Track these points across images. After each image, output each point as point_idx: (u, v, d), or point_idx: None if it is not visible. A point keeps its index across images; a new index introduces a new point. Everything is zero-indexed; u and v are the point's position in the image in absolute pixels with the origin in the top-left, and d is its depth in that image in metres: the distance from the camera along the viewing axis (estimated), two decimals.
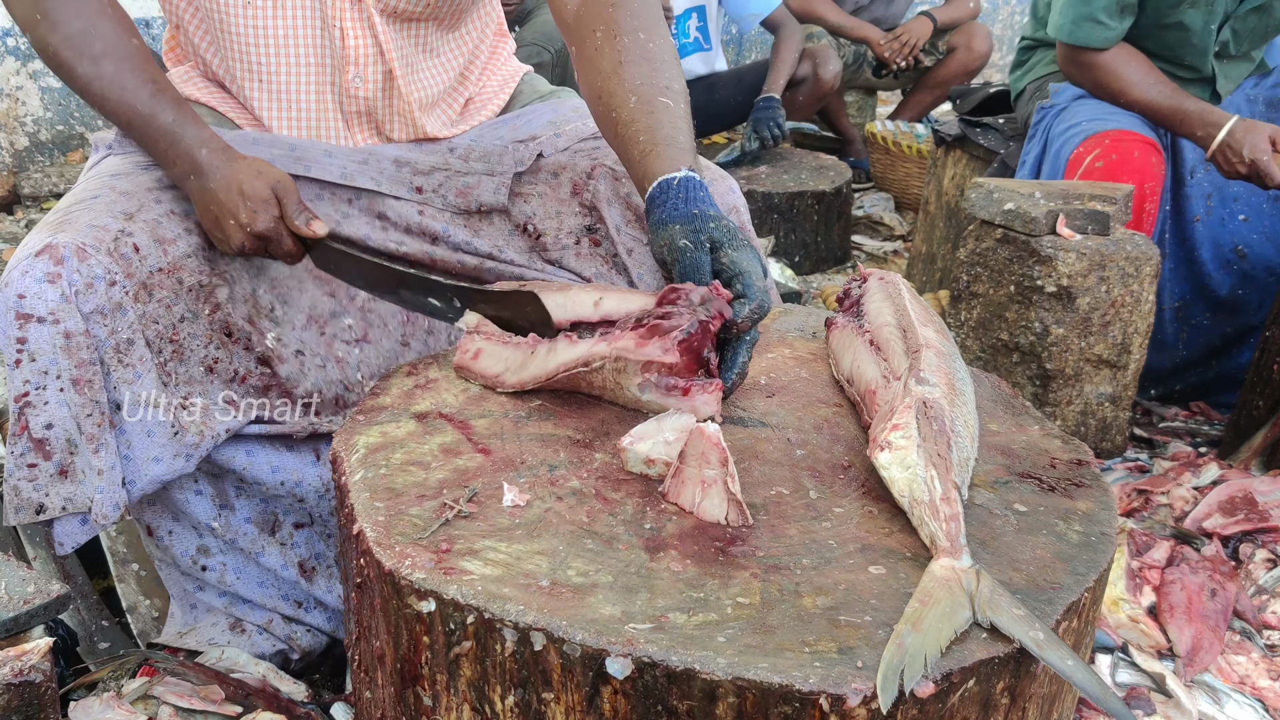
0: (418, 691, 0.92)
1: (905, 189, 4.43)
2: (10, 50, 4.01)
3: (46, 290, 1.24)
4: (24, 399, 1.26)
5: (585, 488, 1.01)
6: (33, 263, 1.25)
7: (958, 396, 1.07)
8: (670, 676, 0.79)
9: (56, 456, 1.27)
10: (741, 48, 6.00)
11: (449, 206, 1.56)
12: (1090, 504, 1.02)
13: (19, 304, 1.24)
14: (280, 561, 1.53)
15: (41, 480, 1.27)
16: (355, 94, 1.54)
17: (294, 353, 1.48)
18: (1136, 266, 2.01)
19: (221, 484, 1.49)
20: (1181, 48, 2.39)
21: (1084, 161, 2.29)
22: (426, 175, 1.57)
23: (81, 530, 1.31)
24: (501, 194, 1.57)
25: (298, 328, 1.49)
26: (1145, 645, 1.63)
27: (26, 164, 4.13)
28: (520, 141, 1.63)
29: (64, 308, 1.25)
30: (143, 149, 1.42)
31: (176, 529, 1.48)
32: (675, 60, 1.38)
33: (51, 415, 1.26)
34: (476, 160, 1.59)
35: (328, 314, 1.51)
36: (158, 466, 1.34)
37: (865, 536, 0.95)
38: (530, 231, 1.59)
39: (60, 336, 1.25)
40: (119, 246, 1.30)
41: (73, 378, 1.26)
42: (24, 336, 1.24)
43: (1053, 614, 0.86)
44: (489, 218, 1.59)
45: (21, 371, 1.25)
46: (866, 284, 1.33)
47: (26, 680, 1.09)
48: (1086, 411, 2.10)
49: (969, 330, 2.18)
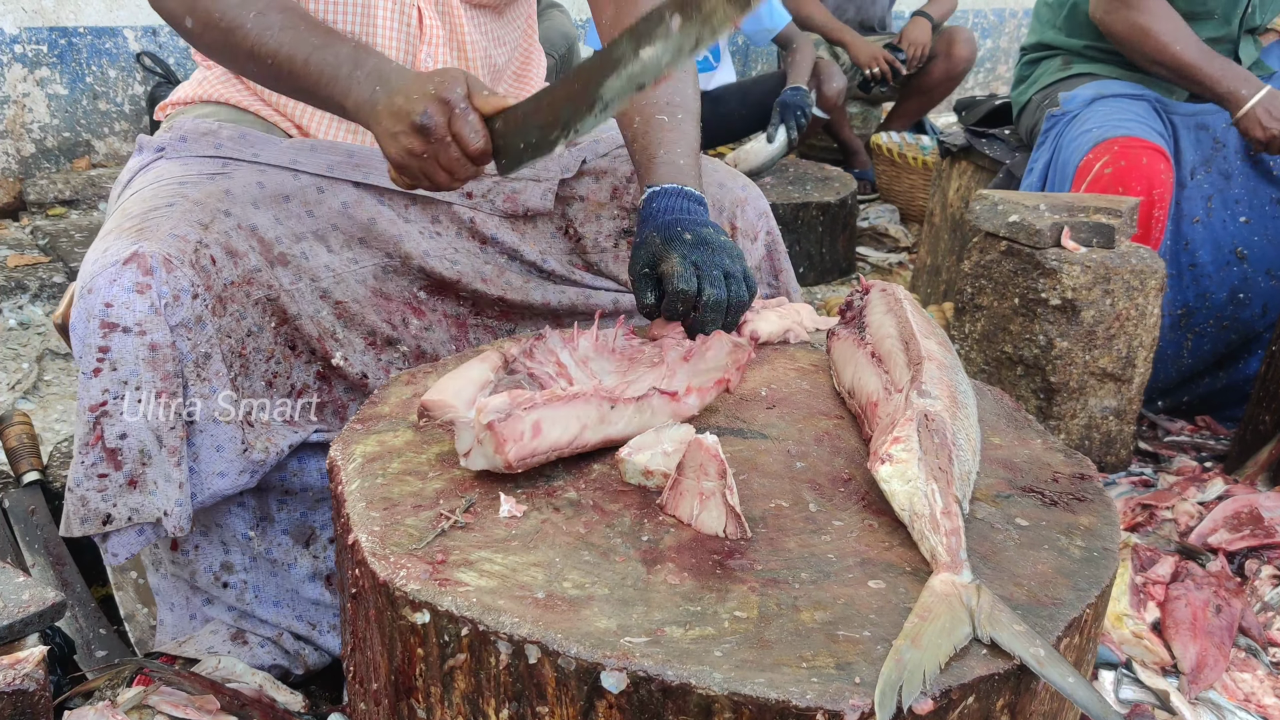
0: (412, 704, 0.91)
1: (910, 200, 4.43)
2: (18, 57, 4.02)
3: (135, 300, 1.22)
4: (101, 408, 1.23)
5: (583, 499, 1.00)
6: (120, 271, 1.22)
7: (960, 409, 1.06)
8: (666, 691, 0.78)
9: (127, 467, 1.25)
10: (748, 60, 6.01)
11: (497, 211, 1.60)
12: (1093, 519, 1.01)
13: (105, 312, 1.21)
14: (309, 573, 1.52)
15: (111, 491, 1.26)
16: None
17: (359, 374, 1.49)
18: (1141, 280, 2.00)
19: (265, 496, 1.48)
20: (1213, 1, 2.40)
21: (1093, 168, 2.28)
22: (477, 181, 1.58)
23: (138, 541, 1.30)
24: (548, 199, 1.62)
25: (358, 351, 1.49)
26: (1149, 662, 1.61)
27: (33, 170, 4.13)
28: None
29: (152, 319, 1.22)
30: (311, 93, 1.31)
31: (203, 544, 1.47)
32: (687, 75, 1.45)
33: (126, 425, 1.24)
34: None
35: (383, 341, 1.52)
36: (222, 481, 1.33)
37: (865, 550, 0.94)
38: (571, 233, 1.64)
39: (145, 348, 1.23)
40: (199, 258, 1.28)
41: (156, 390, 1.24)
42: (107, 345, 1.22)
43: (1054, 630, 0.85)
44: (533, 221, 1.64)
45: (100, 380, 1.23)
46: (869, 295, 1.33)
47: (20, 689, 1.08)
48: (1091, 425, 2.09)
49: (973, 343, 2.17)
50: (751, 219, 1.61)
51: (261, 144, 1.50)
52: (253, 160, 1.49)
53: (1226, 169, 2.44)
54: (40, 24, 4.05)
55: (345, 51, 1.27)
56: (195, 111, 1.59)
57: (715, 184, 1.61)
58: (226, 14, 1.30)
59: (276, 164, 1.48)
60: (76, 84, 4.16)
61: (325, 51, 1.27)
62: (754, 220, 1.61)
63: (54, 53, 4.09)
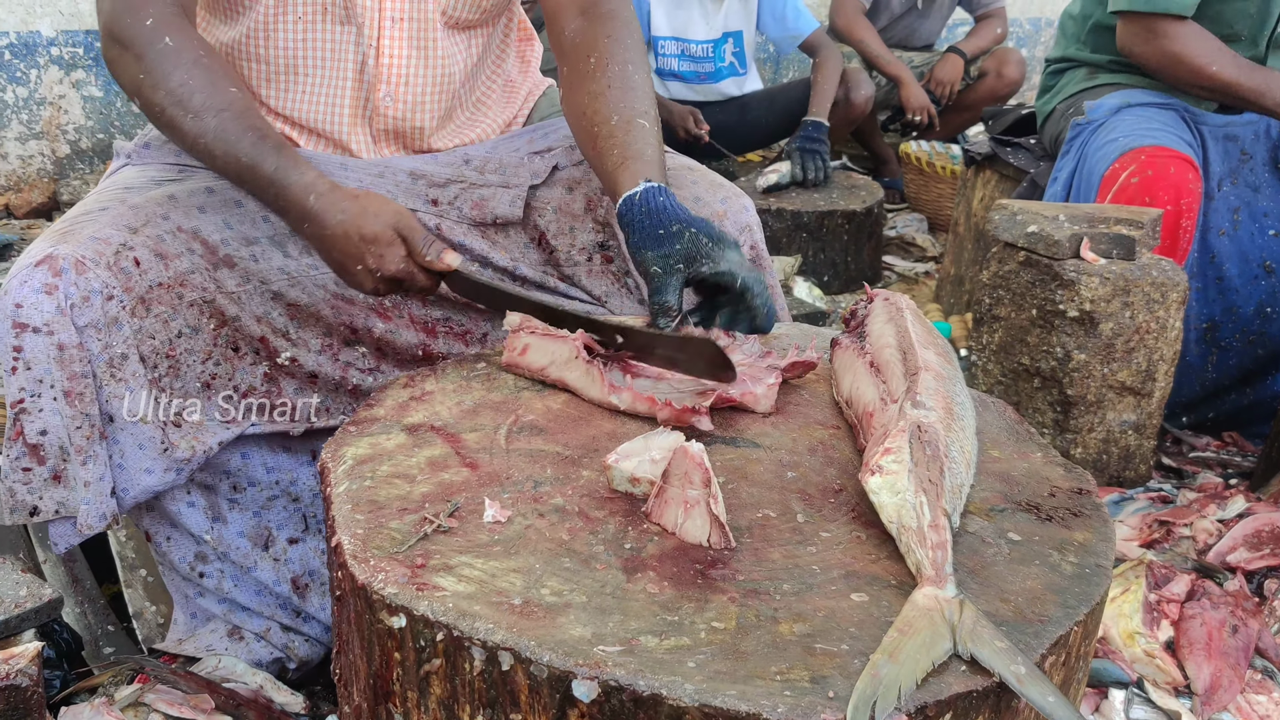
0: (389, 708, 0.91)
1: (939, 210, 4.39)
2: (54, 60, 4.09)
3: (43, 301, 1.24)
4: (19, 405, 1.27)
5: (569, 505, 1.00)
6: (32, 273, 1.26)
7: (955, 421, 1.04)
8: (637, 701, 0.77)
9: (50, 462, 1.28)
10: (778, 67, 5.99)
11: (464, 219, 1.56)
12: (1088, 534, 0.99)
13: (15, 313, 1.25)
14: (273, 577, 1.53)
15: (36, 484, 1.29)
16: (385, 113, 1.55)
17: (308, 374, 1.48)
18: (1163, 292, 1.97)
19: (214, 496, 1.49)
20: (1239, 21, 2.35)
21: (1119, 178, 2.24)
22: (442, 188, 1.57)
23: (74, 533, 1.32)
24: (517, 206, 1.57)
25: (313, 351, 1.49)
26: (1161, 681, 1.58)
27: (67, 171, 4.20)
28: (537, 153, 1.63)
29: (59, 320, 1.25)
30: (256, 200, 1.38)
31: (175, 535, 1.49)
32: (651, 90, 1.48)
33: (46, 422, 1.27)
34: (492, 172, 1.59)
35: (341, 342, 1.52)
36: (149, 478, 1.35)
37: (850, 563, 0.92)
38: (544, 245, 1.59)
39: (54, 348, 1.25)
40: (119, 260, 1.30)
41: (64, 389, 1.27)
42: (20, 345, 1.25)
43: (1038, 648, 0.83)
44: (505, 230, 1.59)
45: (17, 379, 1.26)
46: (872, 305, 1.31)
47: (13, 684, 1.10)
48: (1109, 439, 2.06)
49: (990, 354, 2.14)
50: (731, 234, 1.54)
51: None
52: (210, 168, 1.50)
53: (1254, 181, 2.40)
54: (77, 27, 4.12)
55: (268, 174, 1.30)
56: None
57: (691, 198, 1.55)
58: (166, 111, 1.33)
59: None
60: (111, 86, 4.21)
61: (255, 171, 1.31)
62: (734, 235, 1.53)
63: (89, 55, 4.15)
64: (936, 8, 4.83)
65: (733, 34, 4.18)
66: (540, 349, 1.25)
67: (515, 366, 1.28)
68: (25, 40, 4.03)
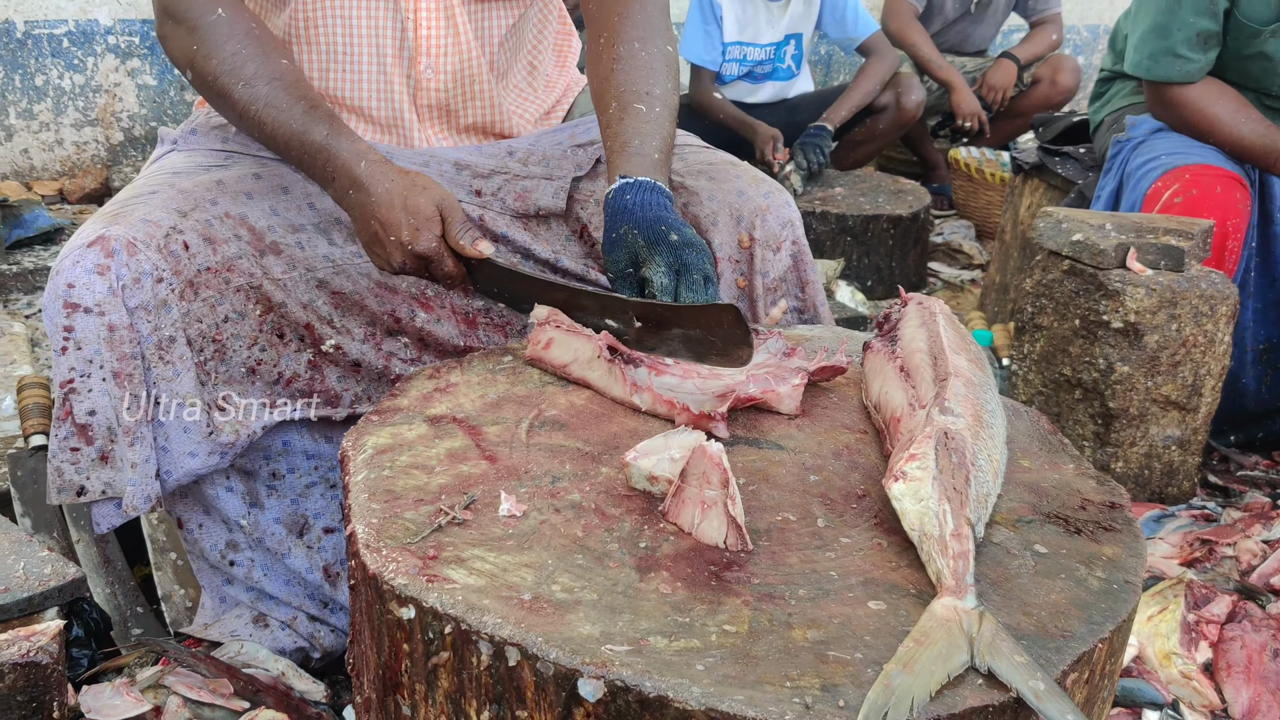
0: (398, 700, 0.90)
1: (987, 217, 4.33)
2: (111, 48, 4.15)
3: (95, 281, 1.26)
4: (68, 385, 1.28)
5: (585, 501, 0.98)
6: (84, 253, 1.27)
7: (984, 429, 1.02)
8: (643, 702, 0.75)
9: (98, 442, 1.30)
10: (829, 69, 5.95)
11: (507, 210, 1.56)
12: (1117, 549, 0.96)
13: (68, 293, 1.26)
14: (306, 565, 1.53)
15: (83, 464, 1.30)
16: (426, 86, 1.55)
17: (351, 363, 1.49)
18: (1211, 305, 1.92)
19: (253, 482, 1.50)
20: (1267, 78, 2.28)
21: (1162, 197, 2.19)
22: (486, 179, 1.57)
23: (118, 514, 1.34)
24: (560, 198, 1.56)
25: (356, 340, 1.50)
26: (1197, 704, 1.54)
27: (120, 158, 4.26)
28: (579, 146, 1.63)
29: (110, 300, 1.27)
30: (302, 171, 1.39)
31: (206, 523, 1.50)
32: (665, 67, 1.46)
33: (95, 402, 1.28)
34: (536, 164, 1.59)
35: (384, 332, 1.52)
36: (193, 461, 1.36)
37: (870, 570, 0.90)
38: (586, 238, 1.59)
39: (105, 329, 1.27)
40: (169, 243, 1.32)
41: (114, 370, 1.28)
42: (71, 325, 1.27)
43: (1059, 664, 0.80)
44: (546, 222, 1.59)
45: (67, 359, 1.28)
46: (905, 309, 1.29)
47: (33, 661, 1.10)
48: (1151, 454, 2.01)
49: (1031, 363, 2.10)
50: (774, 228, 1.53)
51: None
52: (256, 154, 1.52)
53: None
54: (134, 16, 4.18)
55: (319, 142, 1.32)
56: None
57: (735, 191, 1.54)
58: (219, 79, 1.36)
59: (279, 159, 1.50)
60: (165, 75, 4.27)
61: (304, 138, 1.33)
62: (776, 230, 1.53)
63: (145, 44, 4.22)
64: (990, 13, 4.76)
65: (794, 36, 4.16)
66: (564, 345, 1.23)
67: (538, 361, 1.27)
68: (83, 28, 4.09)
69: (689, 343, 1.20)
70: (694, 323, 1.19)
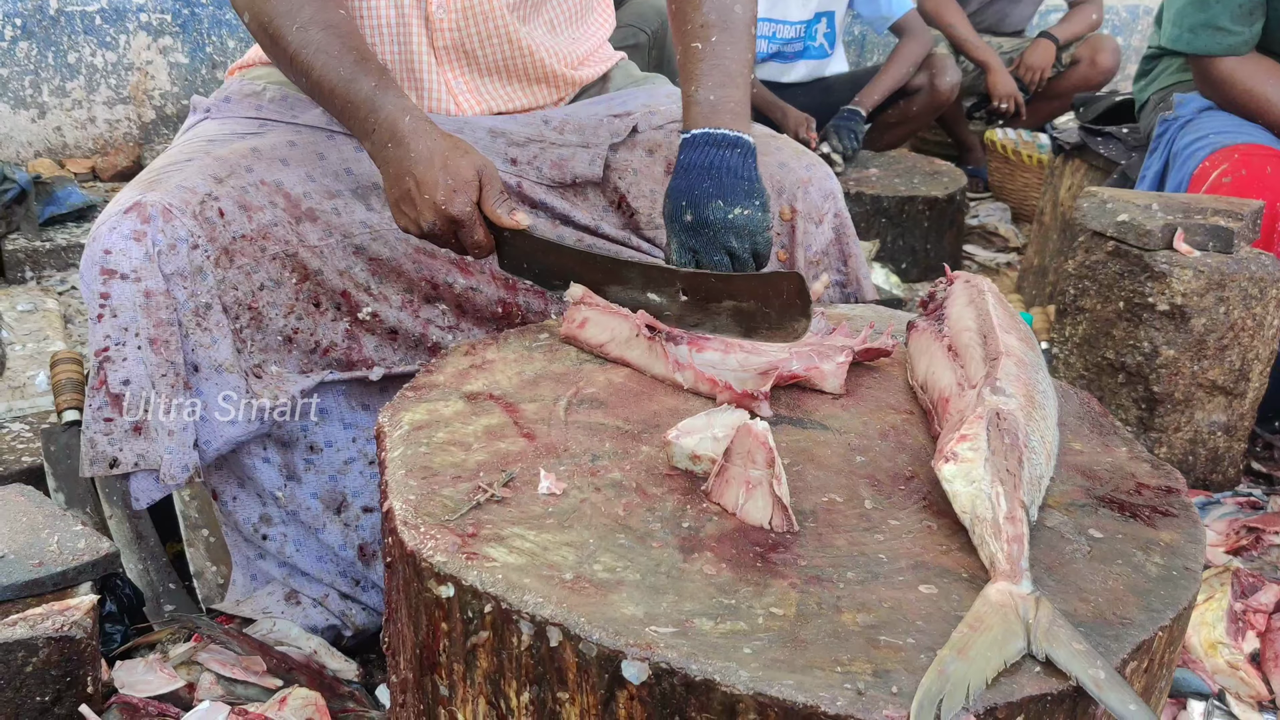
0: (435, 680, 0.89)
1: (1024, 199, 4.27)
2: (143, 26, 4.15)
3: (132, 247, 1.26)
4: (104, 354, 1.28)
5: (626, 480, 0.96)
6: (121, 219, 1.27)
7: (1036, 410, 0.99)
8: (689, 686, 0.73)
9: (132, 412, 1.28)
10: (863, 49, 5.87)
11: (543, 179, 1.54)
12: (1175, 535, 0.93)
13: (104, 259, 1.26)
14: (340, 541, 1.52)
15: (116, 435, 1.29)
16: (440, 25, 1.52)
17: (388, 330, 1.47)
18: (1261, 288, 1.87)
19: (290, 454, 1.49)
20: None
21: (1210, 177, 2.14)
22: (521, 147, 1.55)
23: (156, 487, 1.33)
24: (596, 166, 1.54)
25: (394, 307, 1.48)
26: (1244, 695, 1.51)
27: (152, 136, 4.27)
28: (615, 116, 1.60)
29: (147, 266, 1.26)
30: (342, 121, 1.36)
31: (241, 495, 1.49)
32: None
33: (129, 371, 1.28)
34: (571, 132, 1.57)
35: (422, 298, 1.50)
36: (233, 429, 1.36)
37: (920, 553, 0.88)
38: (624, 208, 1.57)
39: (141, 295, 1.26)
40: (204, 210, 1.31)
41: (150, 337, 1.27)
42: (107, 292, 1.26)
43: (1119, 652, 0.78)
44: (583, 191, 1.57)
45: (103, 326, 1.27)
46: (951, 287, 1.26)
47: (67, 635, 1.10)
48: (1196, 440, 1.97)
49: (1073, 347, 2.06)
50: (816, 201, 1.52)
51: (301, 106, 1.51)
52: (290, 122, 1.50)
53: None
54: None
55: (365, 92, 1.30)
56: (252, 74, 1.61)
57: (776, 164, 1.53)
58: (274, 20, 1.33)
59: (314, 125, 1.49)
60: (197, 53, 4.27)
61: (351, 86, 1.30)
62: (818, 202, 1.52)
63: (177, 22, 4.21)
64: None
65: (825, 14, 4.10)
66: (600, 324, 1.21)
67: (574, 339, 1.25)
68: (115, 6, 4.09)
69: (739, 316, 1.17)
70: (750, 293, 1.16)
